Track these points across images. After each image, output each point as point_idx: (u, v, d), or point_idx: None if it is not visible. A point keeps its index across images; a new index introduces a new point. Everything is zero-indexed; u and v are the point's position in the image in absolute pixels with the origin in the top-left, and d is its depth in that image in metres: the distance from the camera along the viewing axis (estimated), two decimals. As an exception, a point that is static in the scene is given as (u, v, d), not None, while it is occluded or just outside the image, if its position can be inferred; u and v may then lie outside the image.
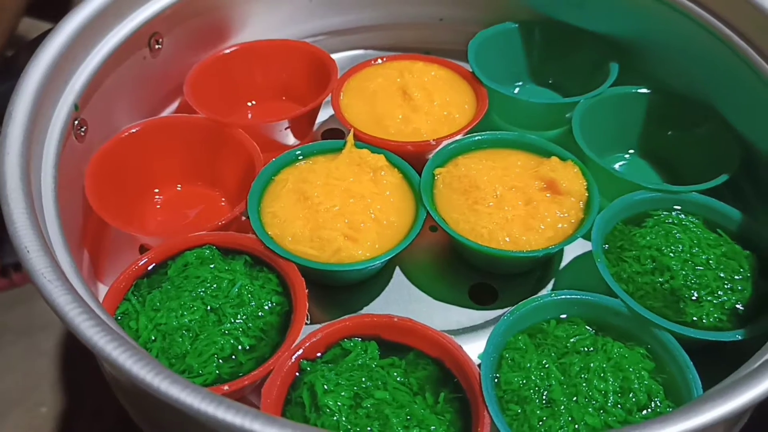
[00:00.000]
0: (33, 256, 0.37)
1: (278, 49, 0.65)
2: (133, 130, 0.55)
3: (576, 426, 0.41)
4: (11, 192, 0.40)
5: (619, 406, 0.42)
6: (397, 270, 0.55)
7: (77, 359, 0.61)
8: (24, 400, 0.59)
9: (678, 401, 0.42)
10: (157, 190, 0.58)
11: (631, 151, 0.63)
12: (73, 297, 0.36)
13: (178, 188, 0.59)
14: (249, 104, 0.66)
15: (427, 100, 0.60)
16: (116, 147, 0.54)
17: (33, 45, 0.50)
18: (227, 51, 0.64)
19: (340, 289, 0.53)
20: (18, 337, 0.63)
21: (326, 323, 0.45)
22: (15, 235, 0.38)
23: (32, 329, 0.63)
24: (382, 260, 0.49)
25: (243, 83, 0.65)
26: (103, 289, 0.53)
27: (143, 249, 0.55)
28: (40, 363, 0.61)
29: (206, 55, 0.63)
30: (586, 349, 0.44)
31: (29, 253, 0.37)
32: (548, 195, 0.53)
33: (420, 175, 0.54)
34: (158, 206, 0.58)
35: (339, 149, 0.55)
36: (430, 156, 0.55)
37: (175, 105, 0.64)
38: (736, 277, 0.48)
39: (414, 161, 0.55)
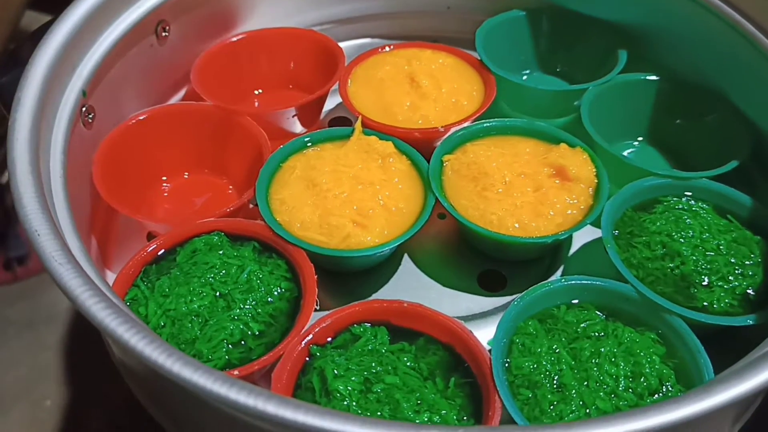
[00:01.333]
0: (43, 240, 0.37)
1: (285, 37, 0.65)
2: (141, 118, 0.55)
3: (587, 410, 0.40)
4: (21, 177, 0.40)
5: (630, 390, 0.42)
6: (406, 257, 0.55)
7: (82, 352, 0.61)
8: (28, 393, 0.59)
9: (689, 386, 0.42)
10: (164, 178, 0.58)
11: (640, 138, 0.62)
12: (84, 280, 0.36)
13: (186, 176, 0.59)
14: (256, 92, 0.66)
15: (435, 87, 0.60)
16: (124, 134, 0.54)
17: (36, 35, 0.50)
18: (234, 39, 0.63)
19: (349, 276, 0.53)
20: (22, 330, 0.63)
21: (336, 309, 0.45)
22: (25, 218, 0.38)
23: (36, 323, 0.63)
24: (391, 246, 0.48)
25: (250, 71, 0.65)
26: (111, 277, 0.53)
27: (151, 237, 0.55)
28: (44, 356, 0.61)
29: (213, 43, 0.63)
30: (596, 334, 0.44)
31: (40, 236, 0.37)
32: (557, 181, 0.52)
33: (428, 162, 0.53)
34: (166, 194, 0.58)
35: (347, 136, 0.55)
36: (439, 143, 0.55)
37: (182, 93, 0.64)
38: (747, 262, 0.48)
39: (422, 148, 0.55)
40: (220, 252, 0.48)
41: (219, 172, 0.59)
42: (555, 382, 0.42)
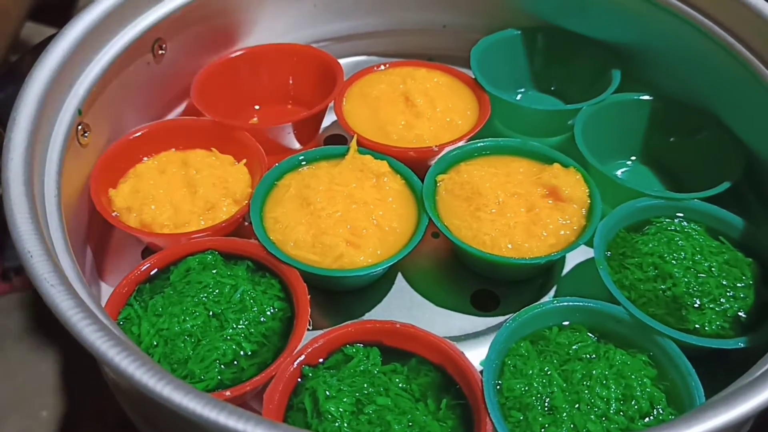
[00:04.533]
0: (36, 261, 0.37)
1: (285, 52, 0.65)
2: (138, 134, 0.56)
3: (578, 433, 0.41)
4: (15, 196, 0.40)
5: (621, 413, 0.42)
6: (399, 276, 0.55)
7: (78, 364, 0.61)
8: (24, 404, 0.59)
9: (680, 409, 0.42)
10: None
11: (633, 158, 0.63)
12: (76, 302, 0.36)
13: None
14: (255, 108, 0.66)
15: (429, 106, 0.60)
16: (122, 149, 0.55)
17: (36, 50, 0.50)
18: (234, 55, 0.64)
19: (342, 295, 0.53)
20: (19, 341, 0.63)
21: (328, 329, 0.45)
22: (18, 239, 0.38)
23: (33, 333, 0.63)
24: (384, 266, 0.49)
25: (250, 87, 0.65)
26: (105, 290, 0.53)
27: (146, 253, 0.55)
28: (41, 367, 0.61)
29: (211, 59, 0.63)
30: (588, 356, 0.44)
31: (32, 257, 0.37)
32: (550, 202, 0.53)
33: (422, 181, 0.54)
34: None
35: (342, 155, 0.55)
36: (433, 162, 0.55)
37: (181, 108, 0.64)
38: (739, 284, 0.48)
39: (416, 167, 0.55)
40: (214, 271, 0.48)
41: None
42: (546, 404, 0.42)
